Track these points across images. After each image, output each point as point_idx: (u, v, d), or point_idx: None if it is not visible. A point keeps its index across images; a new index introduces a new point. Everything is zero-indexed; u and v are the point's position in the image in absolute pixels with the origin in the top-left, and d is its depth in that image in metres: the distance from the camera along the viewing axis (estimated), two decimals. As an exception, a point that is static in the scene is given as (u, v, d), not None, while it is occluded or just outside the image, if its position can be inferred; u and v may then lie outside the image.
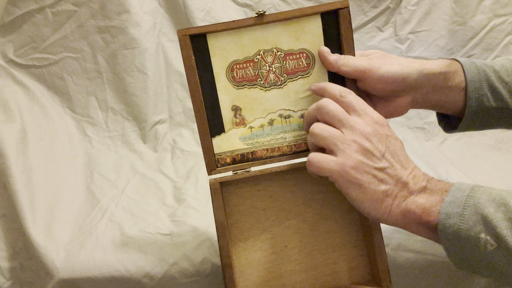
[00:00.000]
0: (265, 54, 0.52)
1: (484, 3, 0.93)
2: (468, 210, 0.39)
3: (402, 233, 0.63)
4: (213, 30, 0.50)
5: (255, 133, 0.54)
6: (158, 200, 0.77)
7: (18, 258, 0.67)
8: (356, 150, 0.44)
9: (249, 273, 0.55)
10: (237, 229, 0.55)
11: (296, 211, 0.56)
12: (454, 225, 0.39)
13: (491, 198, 0.39)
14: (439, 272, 0.61)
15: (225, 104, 0.53)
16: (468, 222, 0.39)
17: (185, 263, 0.61)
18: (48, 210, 0.71)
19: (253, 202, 0.56)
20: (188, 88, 0.52)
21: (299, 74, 0.53)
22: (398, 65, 0.50)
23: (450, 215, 0.40)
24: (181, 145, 0.92)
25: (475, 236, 0.38)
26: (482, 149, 0.89)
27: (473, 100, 0.52)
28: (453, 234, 0.39)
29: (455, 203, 0.40)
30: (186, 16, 0.91)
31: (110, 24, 0.88)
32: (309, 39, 0.51)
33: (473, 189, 0.40)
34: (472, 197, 0.39)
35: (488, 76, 0.52)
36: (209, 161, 0.54)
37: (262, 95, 0.53)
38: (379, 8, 0.94)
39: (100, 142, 0.91)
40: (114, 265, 0.61)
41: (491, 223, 0.38)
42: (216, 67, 0.52)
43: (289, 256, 0.55)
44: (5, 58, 0.89)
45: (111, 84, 0.92)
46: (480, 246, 0.38)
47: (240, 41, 0.51)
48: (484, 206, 0.38)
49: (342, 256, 0.55)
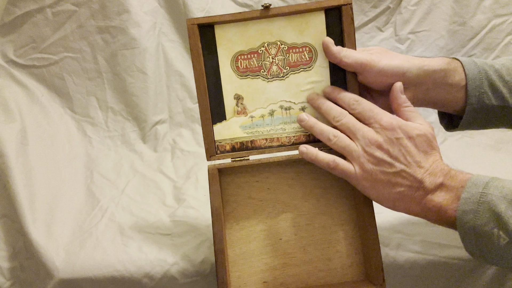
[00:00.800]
0: (269, 46, 0.53)
1: (484, 3, 0.93)
2: (482, 207, 0.42)
3: (402, 233, 0.63)
4: (221, 20, 0.52)
5: (256, 122, 0.55)
6: (158, 200, 0.77)
7: (18, 258, 0.67)
8: (368, 160, 0.47)
9: (242, 263, 0.55)
10: (232, 218, 0.56)
11: (293, 205, 0.56)
12: (470, 221, 0.42)
13: (503, 195, 0.41)
14: (439, 272, 0.61)
15: (228, 93, 0.54)
16: (482, 218, 0.42)
17: (185, 263, 0.61)
18: (48, 210, 0.71)
19: (250, 192, 0.56)
20: (193, 75, 0.53)
21: (301, 67, 0.54)
22: (399, 60, 0.51)
23: (466, 212, 0.43)
24: (181, 145, 0.92)
25: (489, 231, 0.41)
26: (482, 149, 0.89)
27: (474, 98, 0.52)
28: (469, 229, 0.42)
29: (471, 200, 0.43)
30: (186, 16, 0.91)
31: (110, 24, 0.88)
32: (313, 33, 0.53)
33: (487, 185, 0.43)
34: (486, 194, 0.42)
35: (488, 75, 0.53)
36: (209, 147, 0.55)
37: (265, 86, 0.54)
38: (379, 8, 0.94)
39: (100, 142, 0.91)
40: (114, 265, 0.61)
41: (502, 219, 0.40)
42: (221, 56, 0.54)
43: (283, 249, 0.56)
44: (5, 58, 0.89)
45: (111, 84, 0.92)
46: (494, 240, 0.41)
47: (246, 32, 0.53)
48: (496, 204, 0.41)
49: (337, 253, 0.56)
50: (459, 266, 0.61)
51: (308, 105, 0.55)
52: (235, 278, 0.55)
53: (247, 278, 0.55)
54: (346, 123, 0.50)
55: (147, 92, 0.91)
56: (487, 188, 0.42)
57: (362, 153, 0.48)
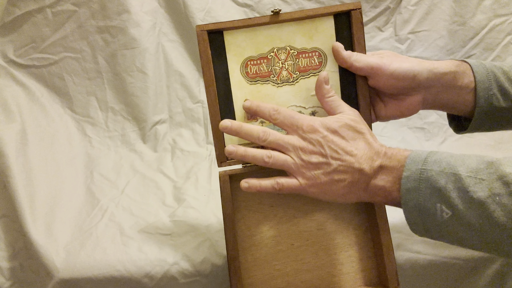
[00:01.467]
0: (278, 52, 0.54)
1: (484, 3, 0.93)
2: (423, 183, 0.42)
3: (402, 233, 0.63)
4: (230, 26, 0.52)
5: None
6: (158, 200, 0.77)
7: (18, 258, 0.67)
8: (308, 168, 0.48)
9: (254, 269, 0.55)
10: (243, 225, 0.56)
11: (304, 210, 0.56)
12: (413, 199, 0.43)
13: (441, 169, 0.42)
14: (439, 272, 0.61)
15: (237, 98, 0.54)
16: (425, 195, 0.42)
17: (185, 263, 0.61)
18: (48, 210, 0.71)
19: (261, 198, 0.56)
20: (203, 81, 0.54)
21: (311, 72, 0.54)
22: (409, 63, 0.51)
23: (409, 190, 0.43)
24: (181, 145, 0.92)
25: (432, 206, 0.42)
26: (482, 149, 0.90)
27: (483, 100, 0.53)
28: (413, 207, 0.43)
29: (412, 177, 0.43)
30: (186, 16, 0.91)
31: (110, 24, 0.88)
32: (322, 38, 0.53)
33: (425, 160, 0.43)
34: (426, 170, 0.43)
35: (497, 77, 0.53)
36: (219, 153, 0.54)
37: (274, 91, 0.54)
38: (379, 8, 0.94)
39: (100, 142, 0.91)
40: (114, 265, 0.61)
41: (444, 194, 0.41)
42: (231, 62, 0.54)
43: (296, 255, 0.55)
44: (5, 58, 0.89)
45: (111, 84, 0.92)
46: (437, 215, 0.42)
47: (255, 38, 0.53)
48: (436, 179, 0.42)
49: (350, 258, 0.55)
50: (459, 266, 0.61)
51: (319, 109, 0.54)
52: (247, 285, 0.55)
53: (260, 285, 0.55)
54: (273, 140, 0.49)
55: (147, 92, 0.91)
56: (426, 164, 0.43)
57: (300, 163, 0.48)
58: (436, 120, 0.95)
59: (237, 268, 0.51)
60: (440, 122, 0.94)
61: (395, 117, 0.56)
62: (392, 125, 0.95)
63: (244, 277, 0.55)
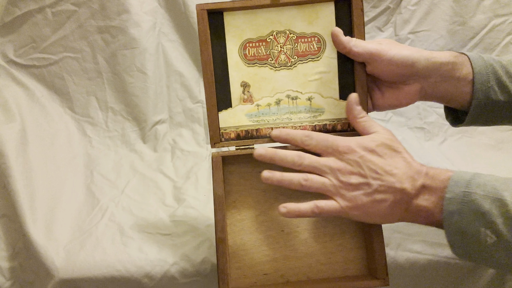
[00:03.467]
0: (278, 35, 0.53)
1: (484, 3, 0.93)
2: (466, 207, 0.42)
3: (402, 233, 0.63)
4: (230, 7, 0.52)
5: (262, 111, 0.55)
6: (158, 200, 0.77)
7: (18, 258, 0.67)
8: (347, 189, 0.47)
9: (243, 254, 0.55)
10: (234, 208, 0.55)
11: (296, 196, 0.55)
12: (456, 222, 0.42)
13: (486, 193, 0.41)
14: (439, 272, 0.61)
15: (234, 80, 0.54)
16: (468, 218, 0.41)
17: (185, 263, 0.61)
18: (48, 210, 0.71)
19: (253, 183, 0.56)
20: (201, 61, 0.53)
21: (310, 57, 0.54)
22: (408, 50, 0.51)
23: (452, 213, 0.42)
24: (181, 145, 0.92)
25: (476, 230, 0.41)
26: (482, 149, 0.89)
27: (480, 92, 0.52)
28: (456, 230, 0.42)
29: (455, 200, 0.42)
30: (186, 16, 0.91)
31: (110, 24, 0.88)
32: (322, 24, 0.53)
33: (469, 183, 0.43)
34: (469, 193, 0.42)
35: (495, 70, 0.53)
36: (213, 134, 0.54)
37: (272, 74, 0.54)
38: (379, 8, 0.94)
39: (100, 142, 0.91)
40: (114, 265, 0.61)
41: (488, 219, 0.40)
42: (229, 43, 0.53)
43: (285, 241, 0.55)
44: (5, 58, 0.89)
45: (111, 84, 0.92)
46: (481, 239, 0.41)
47: (255, 20, 0.53)
48: (480, 203, 0.41)
49: (339, 246, 0.55)
50: (459, 266, 0.61)
51: (316, 95, 0.54)
52: (235, 269, 0.54)
53: (247, 269, 0.55)
54: (308, 164, 0.49)
55: (147, 92, 0.91)
56: (470, 187, 0.42)
57: (339, 184, 0.47)
58: (436, 120, 0.94)
59: (225, 250, 0.51)
60: (440, 122, 0.94)
61: (392, 107, 0.56)
62: (392, 125, 0.95)
63: (232, 261, 0.54)
